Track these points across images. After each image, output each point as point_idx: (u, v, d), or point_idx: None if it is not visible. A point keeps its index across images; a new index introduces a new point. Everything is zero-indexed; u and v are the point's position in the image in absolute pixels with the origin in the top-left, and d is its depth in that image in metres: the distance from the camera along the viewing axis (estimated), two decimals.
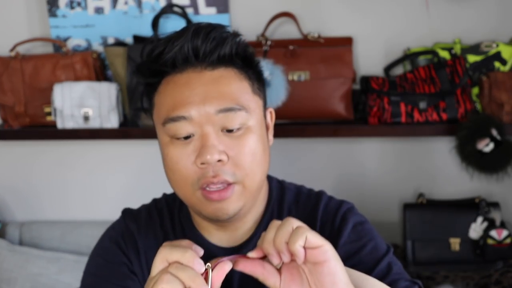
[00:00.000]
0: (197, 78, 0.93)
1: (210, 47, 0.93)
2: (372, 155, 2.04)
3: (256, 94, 0.98)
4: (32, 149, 2.13)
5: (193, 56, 0.93)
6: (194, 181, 0.93)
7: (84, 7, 1.96)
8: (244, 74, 0.97)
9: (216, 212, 0.95)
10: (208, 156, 0.90)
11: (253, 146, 0.94)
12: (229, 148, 0.92)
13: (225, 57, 0.94)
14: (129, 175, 2.13)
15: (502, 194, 2.00)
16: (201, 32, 0.93)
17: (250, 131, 0.94)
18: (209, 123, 0.92)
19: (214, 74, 0.93)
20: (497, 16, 1.90)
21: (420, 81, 1.84)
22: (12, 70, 1.91)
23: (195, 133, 0.92)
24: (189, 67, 0.94)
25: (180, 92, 0.93)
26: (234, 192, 0.94)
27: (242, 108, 0.93)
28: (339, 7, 1.93)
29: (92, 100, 1.88)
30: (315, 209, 1.05)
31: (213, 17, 1.93)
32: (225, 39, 0.94)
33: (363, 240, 1.02)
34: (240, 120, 0.93)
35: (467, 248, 1.88)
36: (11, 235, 2.08)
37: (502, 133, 1.77)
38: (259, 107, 0.98)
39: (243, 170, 0.93)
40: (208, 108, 0.91)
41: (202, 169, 0.92)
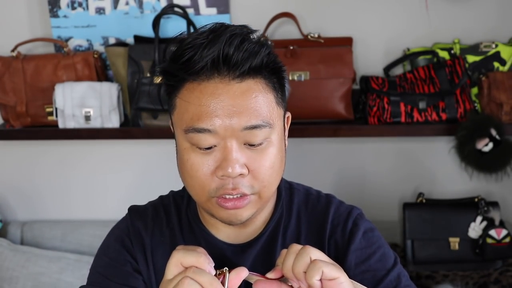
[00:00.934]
0: (224, 89, 0.90)
1: (242, 57, 0.90)
2: (372, 155, 2.05)
3: (279, 104, 0.97)
4: (34, 149, 2.13)
5: (223, 66, 0.90)
6: (211, 190, 0.93)
7: (85, 8, 1.97)
8: (270, 85, 0.95)
9: (230, 218, 0.96)
10: (230, 170, 0.90)
11: (273, 158, 0.94)
12: (250, 161, 0.92)
13: (255, 69, 0.92)
14: (130, 174, 2.13)
15: (501, 193, 2.01)
16: (235, 41, 0.90)
17: (272, 144, 0.94)
18: (233, 137, 0.91)
19: (242, 86, 0.91)
20: (496, 17, 1.91)
21: (420, 81, 1.84)
22: (13, 70, 1.92)
23: (218, 145, 0.92)
24: (217, 75, 0.91)
25: (206, 102, 0.90)
26: (250, 202, 0.95)
27: (266, 125, 0.92)
28: (339, 7, 1.94)
29: (93, 100, 1.88)
30: (326, 212, 1.07)
31: (214, 18, 1.94)
32: (258, 51, 0.92)
33: (373, 247, 1.04)
34: (264, 135, 0.92)
35: (466, 248, 1.88)
36: (12, 235, 2.09)
37: (501, 133, 1.77)
38: (280, 117, 0.97)
39: (261, 183, 0.94)
40: (234, 124, 0.90)
41: (222, 180, 0.92)
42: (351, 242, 1.03)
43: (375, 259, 1.03)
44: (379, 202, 2.03)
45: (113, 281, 1.03)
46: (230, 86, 0.90)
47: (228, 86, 0.90)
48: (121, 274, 1.04)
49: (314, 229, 1.06)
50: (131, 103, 1.89)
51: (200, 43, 0.90)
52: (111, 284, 1.03)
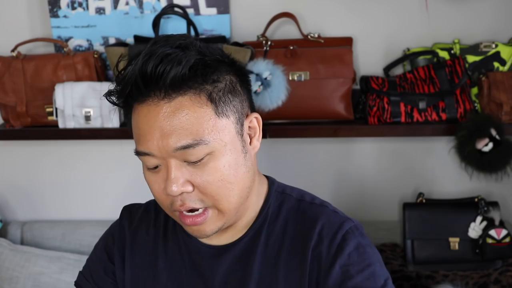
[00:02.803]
0: (154, 111, 0.90)
1: (161, 71, 0.88)
2: (372, 155, 2.05)
3: (222, 114, 0.92)
4: (34, 149, 2.13)
5: (143, 91, 0.90)
6: (167, 206, 0.96)
7: (85, 8, 1.97)
8: (205, 97, 0.91)
9: (194, 233, 0.98)
10: (170, 190, 0.91)
11: (220, 171, 0.92)
12: (193, 177, 0.92)
13: (181, 80, 0.89)
14: (130, 174, 2.13)
15: (501, 193, 2.01)
16: (149, 62, 0.89)
17: (215, 158, 0.91)
18: (170, 157, 0.92)
19: (171, 105, 0.89)
20: (496, 17, 1.91)
21: (420, 81, 1.84)
22: (13, 70, 1.92)
23: (161, 164, 0.94)
24: (147, 97, 0.91)
25: (141, 125, 0.93)
26: (209, 216, 0.95)
27: (200, 142, 0.90)
28: (339, 7, 1.94)
29: (93, 100, 1.88)
30: (315, 221, 1.01)
31: (214, 18, 1.94)
32: (179, 60, 0.88)
33: (362, 264, 0.98)
34: (200, 153, 0.90)
35: (466, 248, 1.88)
36: (12, 235, 2.09)
37: (501, 133, 1.77)
38: (228, 126, 0.93)
39: (211, 197, 0.93)
40: (165, 146, 0.90)
41: (172, 197, 0.94)
42: (337, 256, 0.97)
43: (363, 277, 0.96)
44: (379, 202, 2.03)
45: (88, 280, 1.12)
46: (159, 108, 0.90)
47: (157, 107, 0.90)
48: (95, 274, 1.12)
49: (299, 237, 1.01)
50: None
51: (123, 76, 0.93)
52: (86, 284, 1.12)
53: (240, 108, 0.96)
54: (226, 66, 0.95)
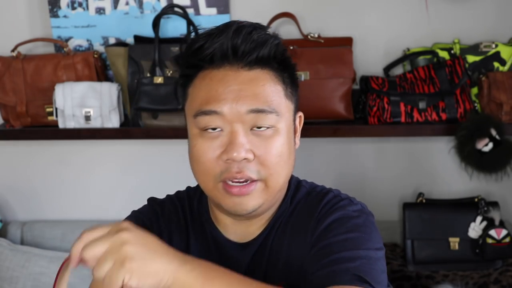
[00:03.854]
0: (232, 76, 0.94)
1: (249, 47, 0.94)
2: (372, 155, 2.05)
3: (288, 98, 0.99)
4: (34, 149, 2.13)
5: (231, 54, 0.94)
6: (216, 174, 0.95)
7: (85, 8, 1.97)
8: (279, 77, 0.98)
9: (235, 207, 0.96)
10: (235, 154, 0.92)
11: (280, 147, 0.95)
12: (256, 147, 0.94)
13: (263, 59, 0.95)
14: (130, 174, 2.13)
15: (501, 193, 2.01)
16: (243, 31, 0.94)
17: (278, 133, 0.95)
18: (239, 121, 0.93)
19: (250, 74, 0.95)
20: (496, 17, 1.91)
21: (420, 81, 1.84)
22: (13, 70, 1.92)
23: (224, 129, 0.94)
24: (226, 64, 0.95)
25: (215, 87, 0.94)
26: (256, 189, 0.95)
27: (273, 111, 0.94)
28: (339, 8, 1.94)
29: (93, 100, 1.88)
30: (318, 204, 1.03)
31: (214, 18, 1.94)
32: (265, 41, 0.95)
33: (341, 230, 0.96)
34: (270, 122, 0.94)
35: (466, 247, 1.88)
36: (12, 235, 2.09)
37: (501, 133, 1.77)
38: (289, 111, 0.99)
39: (267, 170, 0.94)
40: (240, 106, 0.93)
41: (227, 164, 0.93)
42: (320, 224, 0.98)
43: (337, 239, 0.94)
44: (379, 202, 2.03)
45: None
46: (238, 74, 0.94)
47: (236, 73, 0.94)
48: None
49: (302, 221, 1.02)
50: (131, 103, 1.89)
51: (211, 33, 0.95)
52: None
53: (295, 102, 1.02)
54: (293, 65, 1.03)
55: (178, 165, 2.10)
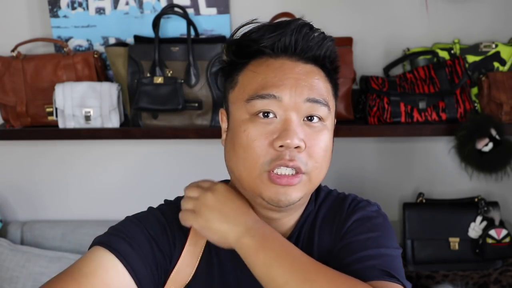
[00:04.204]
0: (290, 66, 0.97)
1: (309, 44, 0.98)
2: (372, 155, 2.05)
3: (334, 97, 1.02)
4: (34, 148, 2.13)
5: (292, 47, 0.97)
6: (265, 162, 0.94)
7: (85, 8, 1.97)
8: (329, 77, 1.01)
9: (279, 196, 0.94)
10: (289, 140, 0.92)
11: (327, 142, 0.97)
12: (308, 138, 0.95)
13: (319, 58, 0.99)
14: (130, 174, 2.14)
15: (501, 193, 2.01)
16: (304, 29, 0.98)
17: (327, 128, 0.98)
18: (295, 109, 0.94)
19: (306, 67, 0.97)
20: (496, 17, 1.91)
21: (420, 81, 1.84)
22: (13, 70, 1.92)
23: (278, 116, 0.94)
24: (284, 55, 0.97)
25: (273, 73, 0.96)
26: (301, 181, 0.95)
27: (326, 104, 0.96)
28: (339, 8, 1.94)
29: (93, 100, 1.88)
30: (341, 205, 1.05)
31: (214, 18, 1.94)
32: (322, 41, 1.00)
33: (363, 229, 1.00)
34: (322, 114, 0.96)
35: (466, 247, 1.88)
36: (12, 234, 2.09)
37: (501, 133, 1.77)
38: (334, 110, 1.02)
39: (314, 162, 0.95)
40: (298, 95, 0.94)
41: (279, 151, 0.93)
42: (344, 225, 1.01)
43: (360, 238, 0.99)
44: (379, 202, 2.02)
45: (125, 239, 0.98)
46: (296, 65, 0.97)
47: (294, 64, 0.97)
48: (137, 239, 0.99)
49: (328, 228, 1.04)
50: (131, 103, 1.89)
51: (273, 24, 0.98)
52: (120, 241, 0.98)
53: (336, 105, 1.04)
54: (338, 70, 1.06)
55: (178, 165, 2.10)
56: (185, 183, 1.17)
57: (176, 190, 1.19)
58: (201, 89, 1.85)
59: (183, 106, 1.84)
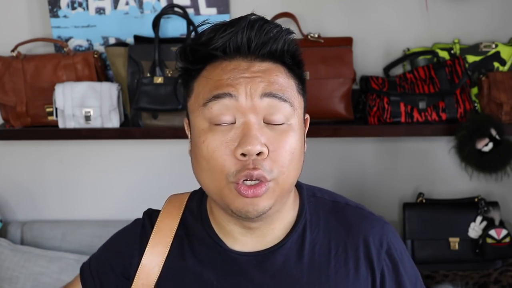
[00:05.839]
0: (246, 66, 0.91)
1: (263, 39, 0.92)
2: (372, 155, 2.05)
3: (300, 94, 0.96)
4: (34, 148, 2.13)
5: (245, 46, 0.92)
6: (230, 173, 0.89)
7: (85, 8, 1.97)
8: (291, 73, 0.96)
9: (246, 207, 0.90)
10: (250, 147, 0.86)
11: (293, 144, 0.92)
12: (270, 142, 0.89)
13: (276, 53, 0.93)
14: (130, 174, 2.13)
15: (501, 193, 2.01)
16: (256, 24, 0.93)
17: (292, 129, 0.92)
18: (253, 111, 0.89)
19: (262, 65, 0.92)
20: (496, 17, 1.91)
21: (420, 81, 1.84)
22: (13, 70, 1.92)
23: (237, 121, 0.89)
24: (238, 56, 0.92)
25: (227, 75, 0.91)
26: (268, 190, 0.90)
27: (287, 100, 0.91)
28: (339, 8, 1.94)
29: (93, 100, 1.88)
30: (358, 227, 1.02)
31: (214, 18, 1.94)
32: (278, 35, 0.94)
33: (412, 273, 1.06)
34: (284, 112, 0.90)
35: (466, 247, 1.88)
36: (12, 234, 2.09)
37: (501, 133, 1.77)
38: (301, 107, 0.96)
39: (280, 168, 0.90)
40: (254, 90, 0.89)
41: (242, 161, 0.88)
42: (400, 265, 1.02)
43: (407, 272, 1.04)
44: (379, 202, 2.03)
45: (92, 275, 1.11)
46: (251, 64, 0.92)
47: (250, 64, 0.92)
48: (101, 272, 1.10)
49: (346, 245, 1.00)
50: (131, 103, 1.89)
51: (221, 25, 0.94)
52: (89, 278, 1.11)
53: (305, 101, 0.99)
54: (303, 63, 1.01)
55: (178, 165, 2.10)
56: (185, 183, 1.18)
57: (176, 190, 1.19)
58: None
59: (183, 106, 1.84)
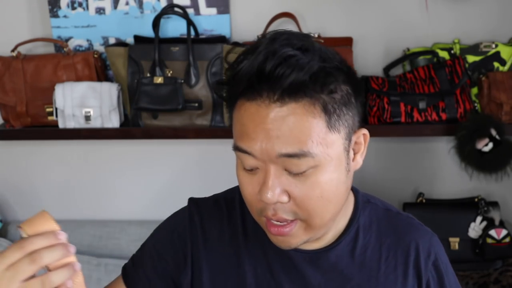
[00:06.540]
0: (264, 112, 0.83)
1: (281, 73, 0.81)
2: (372, 155, 2.04)
3: (333, 128, 0.85)
4: (34, 148, 2.13)
5: (261, 84, 0.83)
6: (258, 210, 0.89)
7: (85, 8, 1.97)
8: (320, 107, 0.83)
9: (279, 244, 0.91)
10: (265, 197, 0.85)
11: (323, 185, 0.86)
12: (292, 188, 0.85)
13: (298, 87, 0.82)
14: (130, 174, 2.13)
15: (501, 193, 2.01)
16: (274, 55, 0.82)
17: (319, 172, 0.85)
18: (271, 162, 0.85)
19: (282, 110, 0.82)
20: (496, 17, 1.91)
21: (420, 81, 1.84)
22: (13, 70, 1.92)
23: (260, 167, 0.86)
24: (257, 96, 0.84)
25: (247, 123, 0.85)
26: (297, 228, 0.89)
27: (307, 154, 0.83)
28: (339, 8, 1.94)
29: (93, 100, 1.88)
30: (409, 235, 1.03)
31: (214, 18, 1.94)
32: (303, 64, 0.82)
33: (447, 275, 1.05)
34: (304, 164, 0.84)
35: (466, 247, 1.88)
36: (12, 234, 2.09)
37: (501, 133, 1.77)
38: (337, 141, 0.86)
39: (306, 212, 0.87)
40: (270, 149, 0.83)
41: (263, 203, 0.87)
42: (445, 277, 1.02)
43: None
44: None
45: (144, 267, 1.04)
46: (270, 109, 0.83)
47: (268, 109, 0.83)
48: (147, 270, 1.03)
49: (397, 252, 1.01)
50: (131, 103, 1.89)
51: (240, 60, 0.85)
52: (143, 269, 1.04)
53: (351, 123, 0.89)
54: (344, 75, 0.87)
55: (178, 165, 2.10)
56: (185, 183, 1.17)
57: (176, 190, 1.19)
58: (201, 89, 1.85)
59: (183, 106, 1.84)
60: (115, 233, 2.04)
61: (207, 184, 1.77)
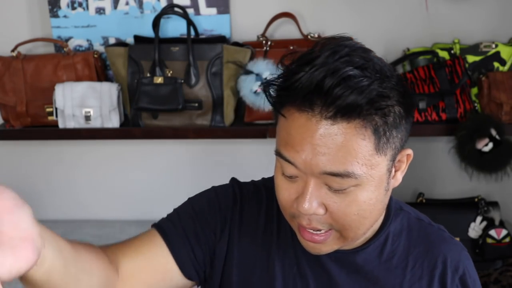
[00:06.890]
0: (313, 126, 0.82)
1: (336, 94, 0.80)
2: None
3: (380, 150, 0.84)
4: (34, 149, 2.13)
5: (316, 99, 0.81)
6: (291, 214, 0.90)
7: (85, 8, 1.97)
8: (372, 128, 0.82)
9: (308, 248, 0.92)
10: (302, 208, 0.85)
11: (360, 203, 0.86)
12: (330, 202, 0.85)
13: (353, 108, 0.80)
14: (130, 174, 2.13)
15: (501, 193, 2.01)
16: (337, 73, 0.81)
17: (359, 190, 0.85)
18: (313, 175, 0.84)
19: (333, 128, 0.81)
20: (496, 17, 1.91)
21: (420, 81, 1.84)
22: (13, 70, 1.92)
23: (300, 177, 0.86)
24: (308, 109, 0.82)
25: (294, 133, 0.84)
26: (330, 237, 0.89)
27: (351, 175, 0.82)
28: (339, 7, 1.94)
29: (93, 100, 1.88)
30: (438, 248, 1.03)
31: (214, 18, 1.94)
32: (363, 87, 0.81)
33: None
34: (346, 184, 0.84)
35: (466, 247, 1.87)
36: None
37: (501, 133, 1.77)
38: (382, 163, 0.86)
39: (341, 225, 0.87)
40: (314, 165, 0.82)
41: (299, 212, 0.87)
42: None
43: None
44: None
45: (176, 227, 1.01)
46: (319, 125, 0.81)
47: (318, 124, 0.81)
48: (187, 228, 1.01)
49: (424, 262, 1.01)
50: (131, 103, 1.89)
51: (296, 70, 0.84)
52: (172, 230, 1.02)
53: (398, 145, 0.88)
54: (399, 96, 0.86)
55: (178, 165, 2.10)
56: (185, 183, 1.17)
57: (176, 190, 1.19)
58: (201, 89, 1.85)
59: (183, 106, 1.84)
60: (115, 233, 2.04)
61: (207, 184, 1.76)
